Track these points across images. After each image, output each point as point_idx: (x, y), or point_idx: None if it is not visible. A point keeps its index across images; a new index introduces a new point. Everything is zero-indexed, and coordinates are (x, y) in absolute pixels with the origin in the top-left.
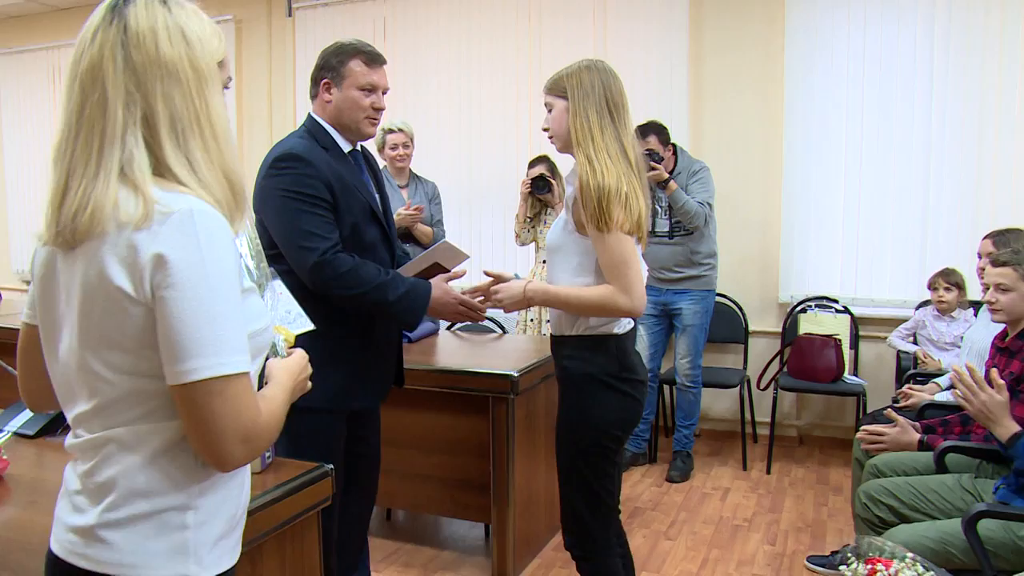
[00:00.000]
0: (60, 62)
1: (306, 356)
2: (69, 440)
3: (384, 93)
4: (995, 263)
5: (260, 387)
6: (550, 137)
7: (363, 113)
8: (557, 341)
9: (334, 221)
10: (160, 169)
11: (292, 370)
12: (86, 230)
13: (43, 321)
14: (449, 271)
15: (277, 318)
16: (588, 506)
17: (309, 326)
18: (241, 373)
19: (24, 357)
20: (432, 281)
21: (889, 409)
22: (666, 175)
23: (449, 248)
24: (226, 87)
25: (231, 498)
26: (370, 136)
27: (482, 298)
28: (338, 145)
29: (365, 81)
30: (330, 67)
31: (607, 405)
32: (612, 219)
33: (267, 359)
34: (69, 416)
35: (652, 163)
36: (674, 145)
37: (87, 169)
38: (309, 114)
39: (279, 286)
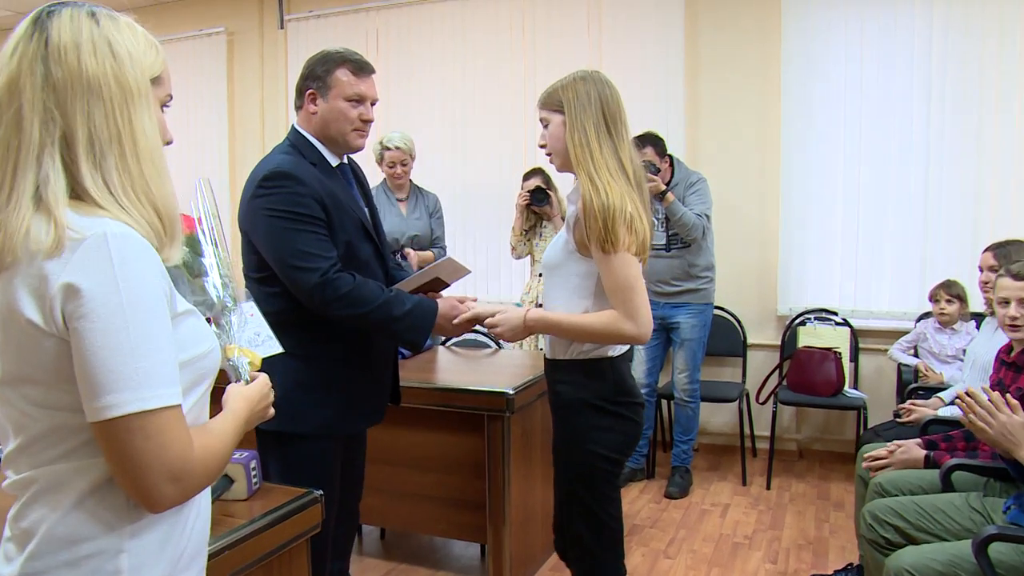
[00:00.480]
0: None
1: (268, 383)
2: (4, 482)
3: (373, 104)
4: (1017, 276)
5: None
6: (548, 154)
7: (350, 125)
8: (551, 365)
9: (330, 239)
10: (78, 191)
11: (251, 398)
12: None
13: None
14: (449, 286)
15: (244, 340)
16: (592, 532)
17: (277, 349)
18: (167, 407)
19: None
20: (440, 300)
21: (895, 442)
22: (663, 187)
23: (452, 263)
24: (165, 105)
25: (174, 536)
26: (358, 149)
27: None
28: (326, 160)
29: (352, 92)
30: (315, 77)
31: (604, 430)
32: (618, 240)
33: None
34: (2, 455)
35: (649, 175)
36: (671, 156)
37: (1, 192)
38: (293, 127)
39: (249, 307)
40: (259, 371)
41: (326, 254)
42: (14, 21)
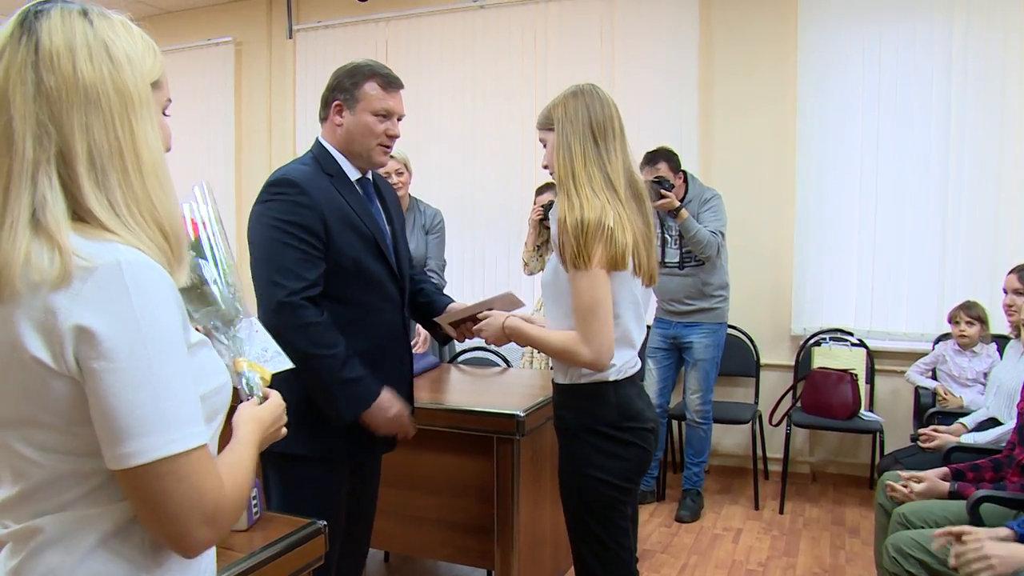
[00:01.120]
0: None
1: (282, 402)
2: None
3: (400, 119)
4: None
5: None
6: (551, 174)
7: (376, 140)
8: (555, 389)
9: (318, 258)
10: (81, 213)
11: (264, 420)
12: None
13: None
14: None
15: (253, 355)
16: (600, 561)
17: (287, 364)
18: (196, 447)
19: None
20: (384, 390)
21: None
22: (677, 203)
23: (510, 297)
24: (164, 112)
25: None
26: (381, 165)
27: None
28: (344, 173)
29: (380, 106)
30: (343, 89)
31: (608, 456)
32: (591, 256)
33: (241, 401)
34: None
35: (663, 191)
36: (685, 172)
37: None
38: (317, 139)
39: (256, 323)
40: (268, 387)
41: (304, 274)
42: None
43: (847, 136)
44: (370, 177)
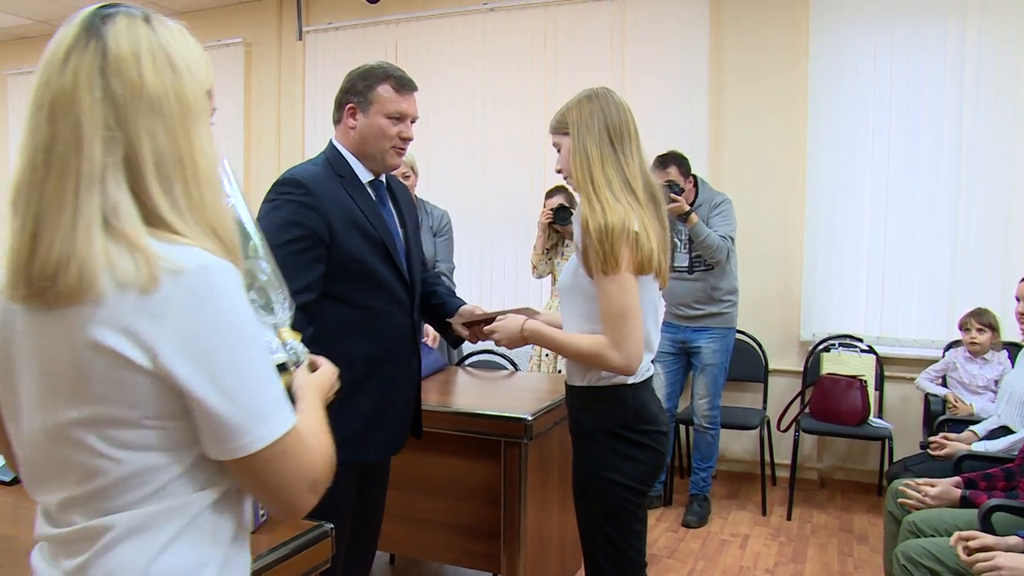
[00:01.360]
0: None
1: (333, 368)
2: (44, 530)
3: (413, 122)
4: None
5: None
6: (565, 178)
7: (389, 143)
8: (569, 391)
9: (316, 261)
10: (150, 218)
11: (323, 386)
12: (72, 292)
13: (7, 388)
14: None
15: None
16: (613, 565)
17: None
18: (293, 426)
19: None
20: None
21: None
22: (686, 207)
23: (528, 311)
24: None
25: (246, 560)
26: (394, 167)
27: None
28: (356, 175)
29: (394, 109)
30: (356, 91)
31: (625, 459)
32: (619, 261)
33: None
34: (43, 502)
35: (672, 195)
36: (695, 177)
37: (61, 218)
38: (330, 141)
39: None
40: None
41: (291, 278)
42: (49, 31)
43: (858, 141)
44: (383, 179)
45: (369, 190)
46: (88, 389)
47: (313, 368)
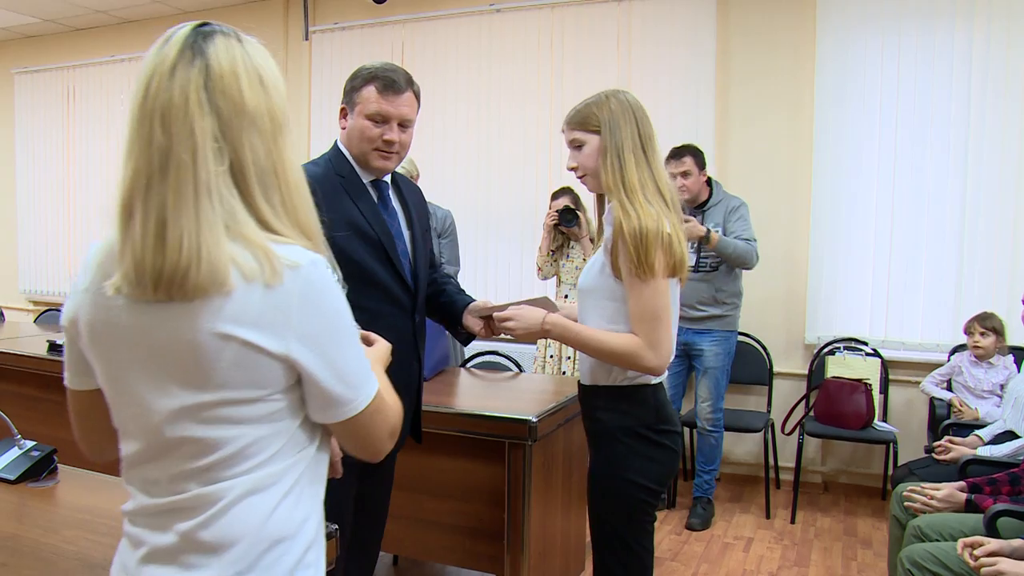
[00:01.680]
0: (76, 82)
1: (387, 343)
2: (146, 501)
3: (403, 126)
4: None
5: None
6: (581, 176)
7: (370, 145)
8: (589, 391)
9: None
10: (258, 222)
11: (382, 359)
12: (203, 287)
13: (113, 380)
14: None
15: None
16: (623, 565)
17: None
18: (377, 390)
19: (83, 421)
20: None
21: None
22: (703, 230)
23: (544, 300)
24: None
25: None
26: (381, 171)
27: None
28: (357, 175)
29: (374, 110)
30: (346, 91)
31: (646, 459)
32: (654, 266)
33: None
34: (149, 477)
35: (685, 217)
36: (709, 178)
37: (186, 221)
38: (335, 140)
39: None
40: None
41: None
42: (55, 30)
43: (864, 143)
44: (388, 180)
45: (371, 190)
46: (215, 375)
47: (366, 342)
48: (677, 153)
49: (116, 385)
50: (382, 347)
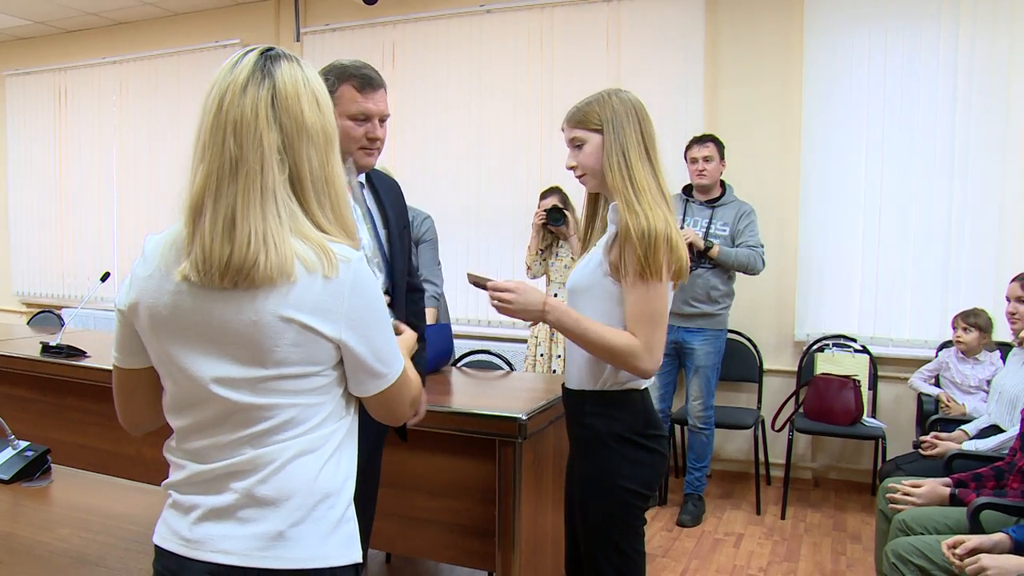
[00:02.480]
0: (67, 84)
1: (413, 332)
2: (198, 468)
3: (383, 120)
4: None
5: None
6: (580, 176)
7: (356, 144)
8: (576, 396)
9: None
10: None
11: (410, 347)
12: (271, 276)
13: (172, 358)
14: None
15: None
16: (615, 569)
17: None
18: (404, 367)
19: (126, 398)
20: None
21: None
22: (702, 244)
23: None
24: None
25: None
26: (367, 167)
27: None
28: None
29: (356, 110)
30: None
31: (635, 464)
32: (660, 268)
33: None
34: (202, 446)
35: (687, 230)
36: (723, 181)
37: (253, 217)
38: None
39: None
40: None
41: None
42: (46, 31)
43: (851, 143)
44: (361, 180)
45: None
46: (275, 354)
47: (396, 331)
48: (701, 138)
49: (176, 363)
50: (408, 336)
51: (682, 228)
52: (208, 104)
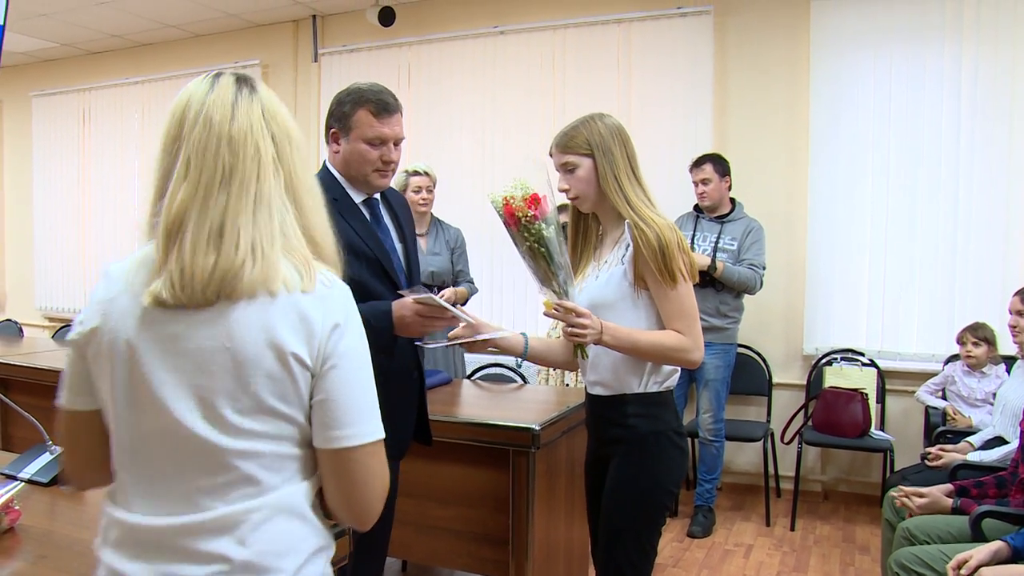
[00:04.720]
0: (91, 104)
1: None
2: (183, 519)
3: (398, 144)
4: None
5: None
6: (574, 198)
7: (371, 167)
8: (616, 400)
9: None
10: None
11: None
12: (253, 286)
13: (133, 392)
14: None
15: None
16: (634, 567)
17: None
18: (381, 439)
19: (74, 445)
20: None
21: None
22: (707, 261)
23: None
24: None
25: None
26: (382, 188)
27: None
28: (349, 196)
29: (373, 134)
30: (337, 116)
31: (673, 462)
32: (680, 268)
33: None
34: (170, 489)
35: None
36: (732, 199)
37: (243, 222)
38: (323, 163)
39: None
40: None
41: None
42: (72, 53)
43: (858, 160)
44: (378, 197)
45: (363, 209)
46: (253, 381)
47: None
48: (697, 161)
49: (136, 396)
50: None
51: (691, 244)
52: (191, 123)
